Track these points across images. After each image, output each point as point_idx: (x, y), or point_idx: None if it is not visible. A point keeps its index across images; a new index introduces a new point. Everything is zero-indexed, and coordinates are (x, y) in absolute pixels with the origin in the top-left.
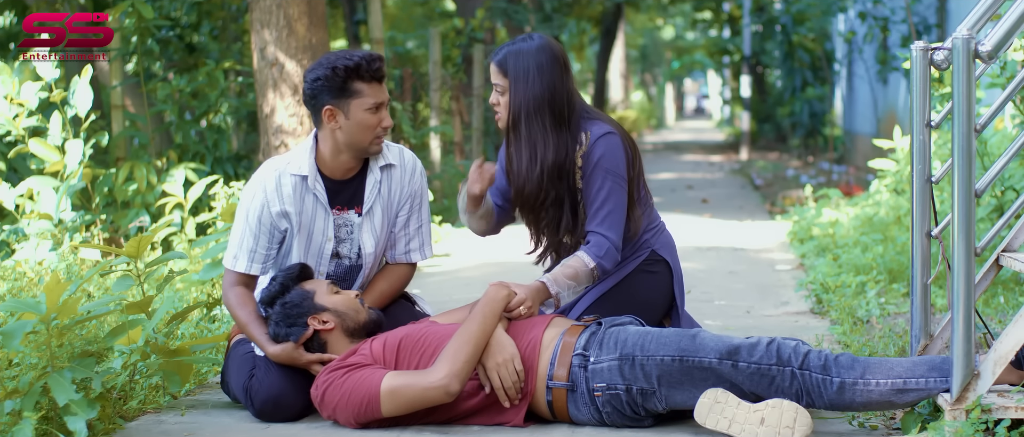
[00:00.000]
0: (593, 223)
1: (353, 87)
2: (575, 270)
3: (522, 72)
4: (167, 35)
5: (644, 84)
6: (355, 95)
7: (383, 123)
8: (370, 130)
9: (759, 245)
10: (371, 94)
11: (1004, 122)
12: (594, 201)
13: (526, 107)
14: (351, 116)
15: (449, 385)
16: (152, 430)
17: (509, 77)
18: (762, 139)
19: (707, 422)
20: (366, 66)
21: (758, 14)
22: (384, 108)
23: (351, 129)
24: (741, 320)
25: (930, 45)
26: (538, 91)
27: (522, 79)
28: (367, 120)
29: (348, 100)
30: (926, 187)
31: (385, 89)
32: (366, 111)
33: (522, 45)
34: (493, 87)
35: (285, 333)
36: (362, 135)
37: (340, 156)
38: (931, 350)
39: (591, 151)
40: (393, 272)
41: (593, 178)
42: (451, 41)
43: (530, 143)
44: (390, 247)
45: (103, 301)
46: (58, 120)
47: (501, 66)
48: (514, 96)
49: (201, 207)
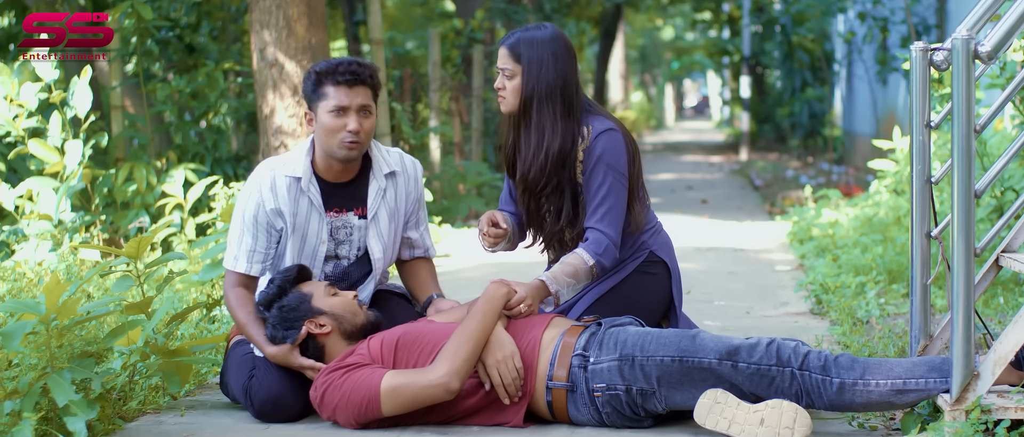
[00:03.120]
0: (593, 219)
1: (322, 90)
2: (574, 268)
3: (536, 59)
4: (167, 36)
5: (644, 85)
6: (322, 97)
7: (348, 127)
8: (333, 134)
9: (759, 246)
10: (335, 97)
11: (1004, 122)
12: (594, 197)
13: (539, 94)
14: (318, 118)
15: (449, 383)
16: (152, 430)
17: (522, 63)
18: (762, 140)
19: (707, 423)
20: (341, 69)
21: (758, 14)
22: (351, 113)
23: (318, 132)
24: (741, 321)
25: (930, 46)
26: (552, 79)
27: (536, 66)
28: (330, 123)
29: (317, 102)
30: (926, 187)
31: (362, 94)
32: (328, 113)
33: (536, 33)
34: (500, 71)
35: (282, 336)
36: (327, 138)
37: (327, 159)
38: (931, 351)
39: (593, 146)
40: (427, 267)
41: (594, 174)
42: (451, 42)
43: (539, 129)
44: (407, 247)
45: (103, 302)
46: (58, 121)
47: (513, 51)
48: (526, 82)
49: (201, 208)
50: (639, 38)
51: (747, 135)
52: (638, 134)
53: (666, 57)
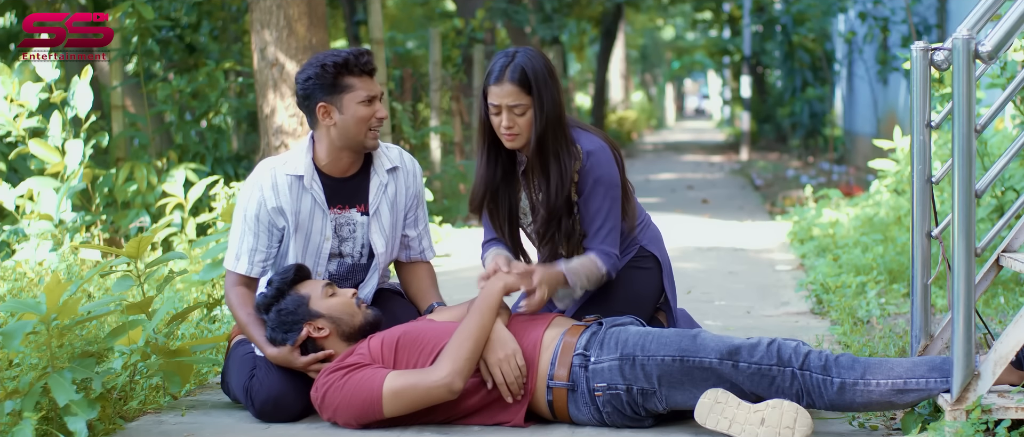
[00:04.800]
0: (596, 242)
1: (344, 82)
2: (589, 270)
3: (543, 84)
4: (167, 35)
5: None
6: (347, 89)
7: (377, 114)
8: (364, 123)
9: (759, 245)
10: (363, 87)
11: (1004, 122)
12: (595, 220)
13: (552, 119)
14: (345, 110)
15: (452, 383)
16: (152, 430)
17: (532, 93)
18: (762, 139)
19: (707, 422)
20: (354, 60)
21: (758, 14)
22: (377, 101)
23: (346, 124)
24: (741, 320)
25: (930, 45)
26: (557, 100)
27: (545, 91)
28: (361, 113)
29: (340, 95)
30: (926, 187)
31: (376, 83)
32: (359, 104)
33: (525, 58)
34: (506, 109)
35: (281, 339)
36: (357, 129)
37: (338, 154)
38: (931, 350)
39: (588, 168)
40: (426, 270)
41: (593, 197)
42: (451, 41)
43: (557, 158)
44: (404, 248)
45: (103, 301)
46: (58, 121)
47: (522, 84)
48: (541, 112)
49: (201, 207)
50: (640, 38)
51: (748, 135)
52: (638, 134)
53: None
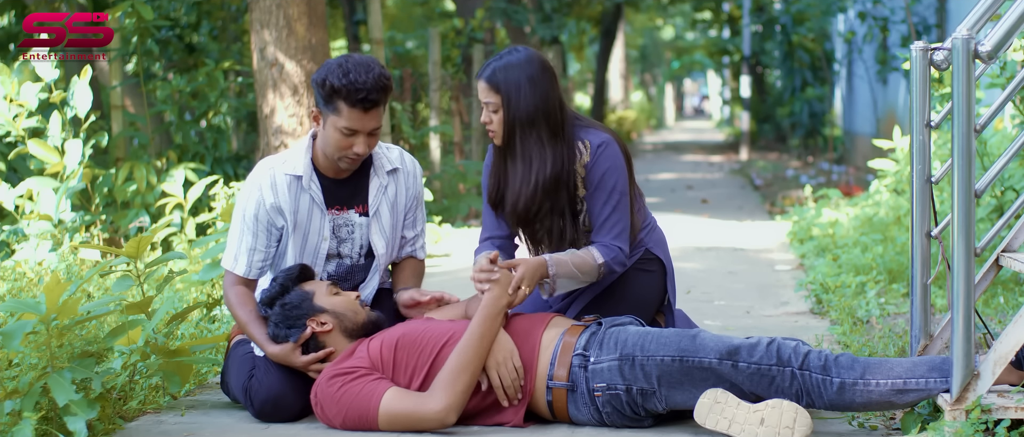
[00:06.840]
0: (602, 234)
1: (336, 104)
2: (582, 260)
3: (514, 86)
4: (167, 35)
5: (644, 84)
6: (334, 111)
7: (354, 148)
8: (337, 149)
9: (759, 245)
10: (348, 118)
11: (1004, 122)
12: (601, 214)
13: (521, 121)
14: (326, 128)
15: (446, 417)
16: (152, 430)
17: (501, 93)
18: (762, 139)
19: (707, 422)
20: (352, 93)
21: (758, 14)
22: (360, 136)
23: (325, 139)
24: (741, 320)
25: (930, 45)
26: (532, 104)
27: (515, 93)
28: (337, 140)
29: (328, 113)
30: (926, 187)
31: (371, 118)
32: (337, 130)
33: (509, 59)
34: (484, 105)
35: (284, 334)
36: (330, 150)
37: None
38: (931, 350)
39: (595, 163)
40: (412, 265)
41: (600, 192)
42: (451, 41)
43: (526, 158)
44: (400, 246)
45: (103, 301)
46: (58, 121)
47: (491, 82)
48: (508, 112)
49: (201, 207)
50: (639, 38)
51: (747, 135)
52: (638, 134)
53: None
